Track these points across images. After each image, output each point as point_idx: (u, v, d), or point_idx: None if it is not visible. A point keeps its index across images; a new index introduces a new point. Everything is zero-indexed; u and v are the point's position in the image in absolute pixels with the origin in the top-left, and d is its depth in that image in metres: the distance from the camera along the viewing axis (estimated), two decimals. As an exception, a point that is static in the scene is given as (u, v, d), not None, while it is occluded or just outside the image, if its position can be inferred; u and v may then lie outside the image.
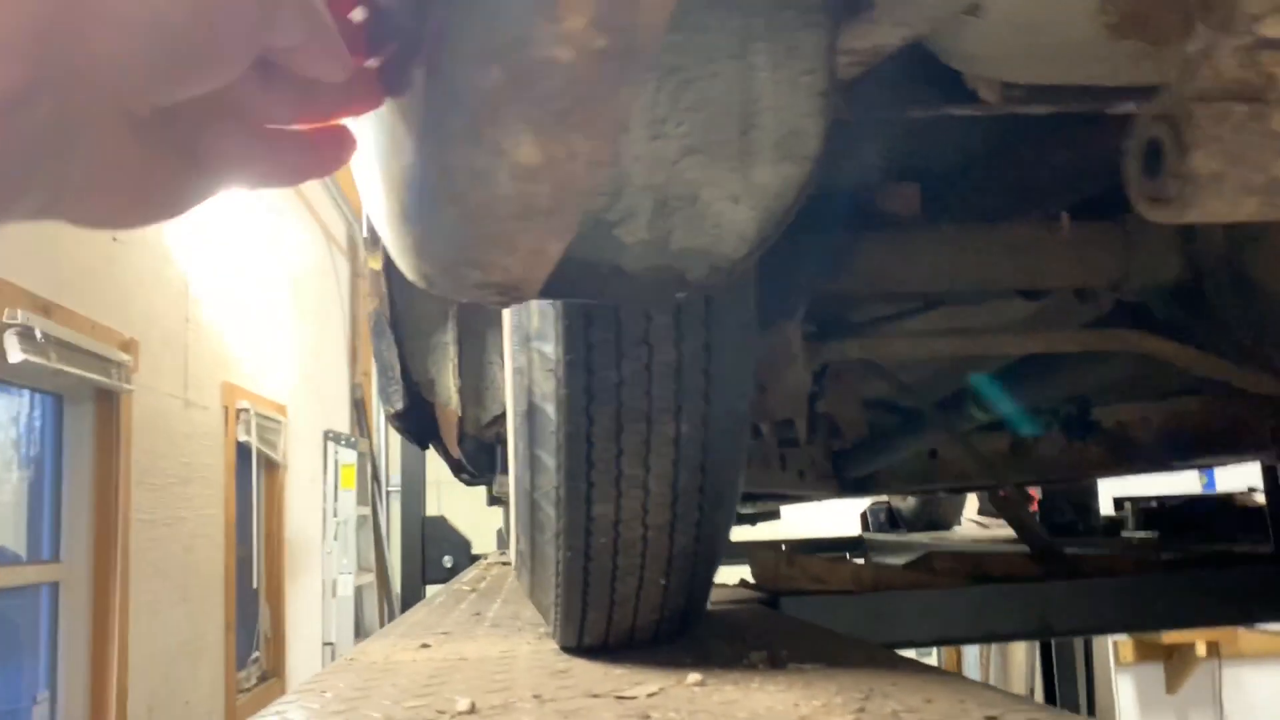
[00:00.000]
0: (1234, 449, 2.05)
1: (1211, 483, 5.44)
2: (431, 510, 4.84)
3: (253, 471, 4.66)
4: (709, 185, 0.81)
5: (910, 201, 1.38)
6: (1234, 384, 1.45)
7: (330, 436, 6.30)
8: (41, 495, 3.13)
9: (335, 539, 6.15)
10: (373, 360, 1.94)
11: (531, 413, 1.00)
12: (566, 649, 1.19)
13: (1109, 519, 3.67)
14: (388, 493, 7.47)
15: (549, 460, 0.99)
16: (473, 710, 0.85)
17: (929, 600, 1.88)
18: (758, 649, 1.09)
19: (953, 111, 1.11)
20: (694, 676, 0.95)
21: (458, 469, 2.61)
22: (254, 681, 4.72)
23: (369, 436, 7.34)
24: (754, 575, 1.90)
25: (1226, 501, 3.22)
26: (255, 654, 4.80)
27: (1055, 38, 0.95)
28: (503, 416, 1.95)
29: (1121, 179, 0.62)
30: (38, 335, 2.57)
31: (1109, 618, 1.98)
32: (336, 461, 6.29)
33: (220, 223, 4.28)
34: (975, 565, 2.03)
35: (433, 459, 5.26)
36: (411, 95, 0.49)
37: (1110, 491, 3.96)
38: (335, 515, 6.21)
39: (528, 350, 0.99)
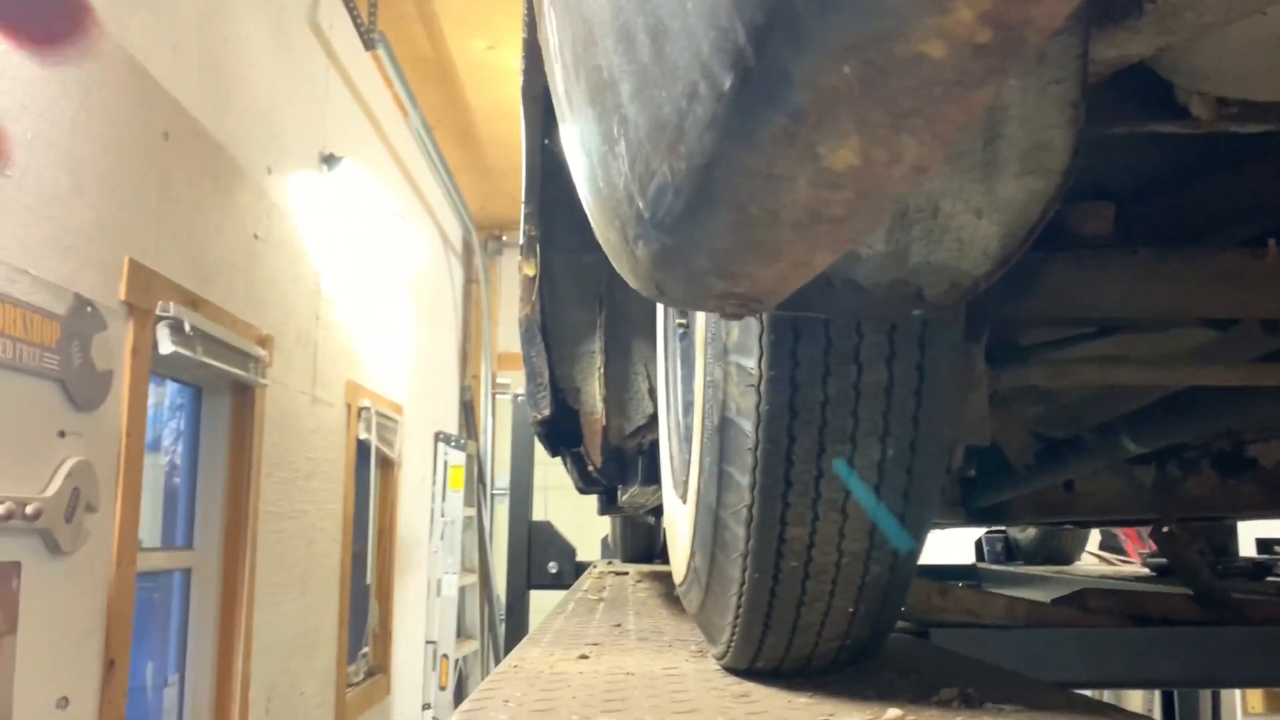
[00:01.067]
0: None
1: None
2: (538, 515, 4.87)
3: (371, 469, 4.74)
4: (950, 197, 0.77)
5: (1104, 222, 1.32)
6: None
7: (441, 437, 6.39)
8: (177, 483, 3.23)
9: (441, 539, 6.23)
10: (523, 365, 1.94)
11: (724, 427, 0.97)
12: (733, 670, 1.15)
13: (1251, 560, 3.49)
14: (492, 495, 7.55)
15: (741, 478, 0.96)
16: (673, 734, 0.82)
17: (1086, 639, 1.79)
18: (945, 685, 1.04)
19: (1161, 129, 1.05)
20: (893, 712, 0.90)
21: (587, 479, 2.60)
22: (361, 676, 4.80)
23: (476, 439, 7.44)
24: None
25: (1388, 550, 3.03)
26: (364, 649, 4.88)
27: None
28: (644, 428, 1.93)
29: None
30: (187, 328, 2.64)
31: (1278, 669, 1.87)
32: (445, 462, 6.37)
33: (350, 223, 4.38)
34: (1133, 605, 1.93)
35: (541, 464, 5.29)
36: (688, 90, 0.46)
37: (1253, 532, 3.77)
38: (443, 515, 6.29)
39: (724, 363, 0.96)
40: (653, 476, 1.94)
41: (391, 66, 4.42)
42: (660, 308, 1.65)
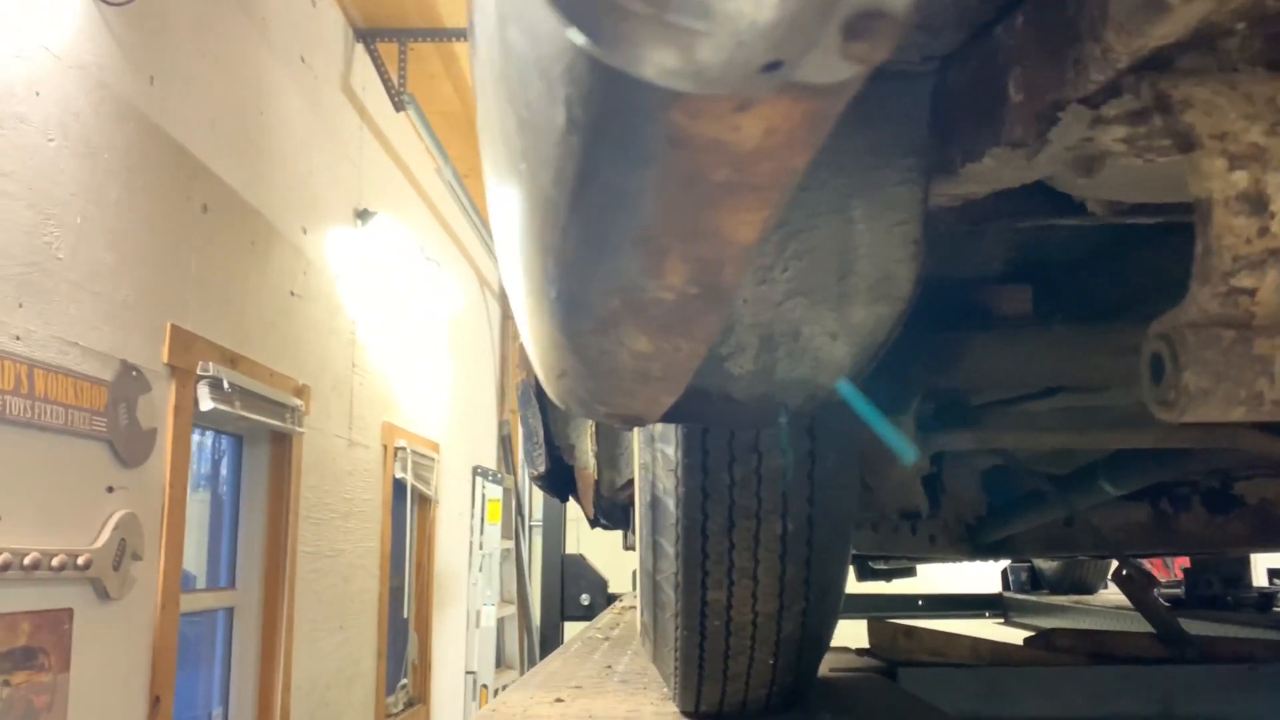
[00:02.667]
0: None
1: (1387, 554, 5.11)
2: (571, 548, 5.02)
3: (407, 506, 4.93)
4: (810, 323, 0.92)
5: (1022, 304, 1.45)
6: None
7: (479, 472, 6.58)
8: (220, 527, 3.44)
9: (480, 570, 6.41)
10: (518, 424, 2.10)
11: (654, 504, 1.13)
12: (685, 713, 1.30)
13: (1261, 591, 3.54)
14: (530, 527, 7.72)
15: (669, 548, 1.12)
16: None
17: (1048, 678, 1.90)
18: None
19: (1061, 222, 1.20)
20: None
21: (594, 520, 2.75)
22: (401, 707, 4.98)
23: (514, 472, 7.63)
24: (871, 644, 1.97)
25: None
26: (403, 681, 5.06)
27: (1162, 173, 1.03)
28: (632, 482, 2.09)
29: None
30: (225, 385, 2.85)
31: (1238, 707, 1.96)
32: (484, 496, 6.56)
33: (384, 272, 4.60)
34: (1097, 644, 2.04)
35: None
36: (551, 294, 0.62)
37: (1267, 562, 3.81)
38: (481, 548, 6.48)
39: (652, 449, 1.12)
40: (643, 526, 2.10)
41: (421, 124, 4.65)
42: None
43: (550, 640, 4.97)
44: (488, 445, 7.41)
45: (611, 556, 5.05)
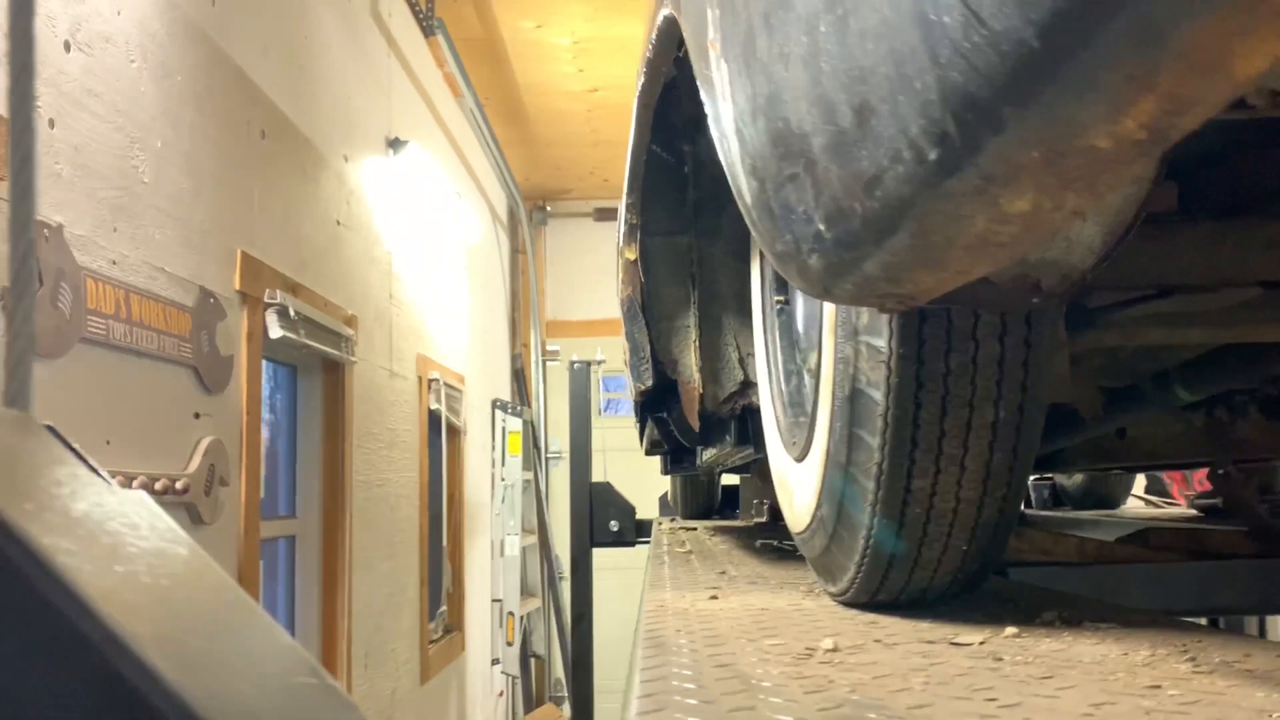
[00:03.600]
0: None
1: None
2: (596, 477, 5.06)
3: (441, 438, 4.96)
4: (1060, 205, 0.93)
5: (1169, 199, 1.46)
6: None
7: (499, 405, 6.61)
8: (276, 458, 3.45)
9: (503, 502, 6.47)
10: (625, 340, 2.12)
11: (854, 397, 1.14)
12: (853, 604, 1.33)
13: (1295, 498, 3.62)
14: (547, 459, 7.78)
15: (871, 440, 1.14)
16: (836, 649, 1.00)
17: (1152, 574, 1.96)
18: (1045, 610, 1.21)
19: (1224, 116, 1.20)
20: (1010, 629, 1.08)
21: (666, 441, 2.75)
22: (440, 633, 5.05)
23: (529, 405, 7.66)
24: (981, 545, 2.01)
25: None
26: (441, 608, 5.13)
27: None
28: (736, 394, 2.11)
29: None
30: (291, 313, 2.84)
31: (1329, 597, 2.03)
32: (504, 429, 6.60)
33: (414, 203, 4.56)
34: (1193, 541, 2.09)
35: (599, 428, 5.49)
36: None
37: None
38: (503, 479, 6.53)
39: (854, 342, 1.13)
40: (744, 438, 2.12)
41: (448, 50, 4.58)
42: (755, 286, 1.81)
43: (581, 564, 5.04)
44: (503, 379, 7.44)
45: (635, 485, 5.10)
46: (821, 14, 0.67)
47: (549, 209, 8.09)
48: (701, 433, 2.11)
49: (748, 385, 2.03)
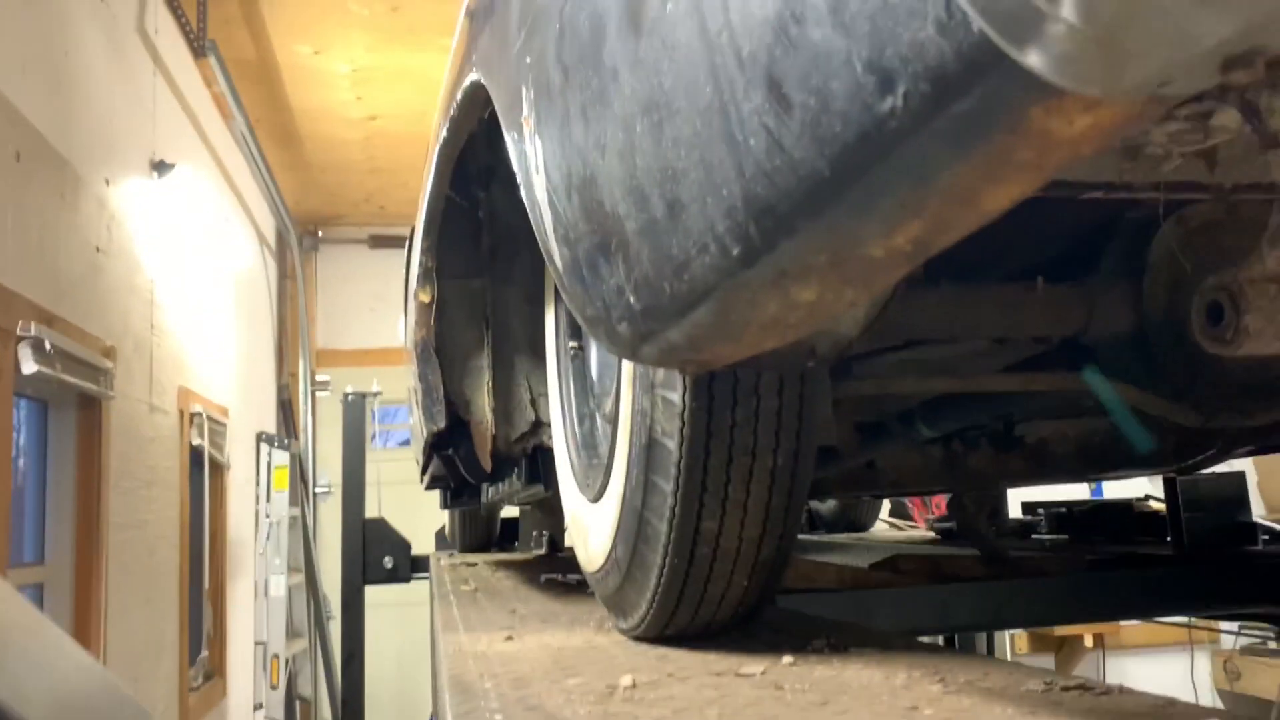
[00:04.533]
0: (1139, 464, 2.38)
1: (1099, 491, 5.92)
2: (369, 512, 4.97)
3: (204, 474, 4.72)
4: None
5: (918, 269, 1.65)
6: (1151, 413, 1.75)
7: (264, 438, 6.35)
8: (22, 501, 3.20)
9: (268, 539, 6.21)
10: (415, 381, 2.13)
11: (650, 446, 1.23)
12: (643, 639, 1.42)
13: (1019, 521, 4.05)
14: (315, 494, 7.52)
15: (665, 485, 1.23)
16: (635, 685, 1.08)
17: (900, 597, 2.16)
18: (814, 638, 1.34)
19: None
20: (787, 658, 1.19)
21: (454, 478, 2.77)
22: (200, 680, 4.79)
23: (296, 437, 7.39)
24: (753, 576, 2.15)
25: (1127, 508, 3.61)
26: (202, 653, 4.87)
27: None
28: (528, 434, 2.16)
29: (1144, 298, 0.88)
30: (47, 346, 2.67)
31: (1048, 612, 2.30)
32: (269, 463, 6.34)
33: (179, 228, 4.35)
34: (935, 567, 2.32)
35: (372, 461, 5.40)
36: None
37: (1018, 497, 4.34)
38: (268, 516, 6.26)
39: (652, 395, 1.22)
40: (534, 477, 2.18)
41: (219, 70, 4.41)
42: (550, 331, 1.88)
43: (353, 603, 4.92)
44: (269, 410, 7.15)
45: (406, 523, 5.04)
46: (638, 116, 0.75)
47: (321, 234, 7.87)
48: (492, 471, 2.15)
49: (539, 425, 2.09)
